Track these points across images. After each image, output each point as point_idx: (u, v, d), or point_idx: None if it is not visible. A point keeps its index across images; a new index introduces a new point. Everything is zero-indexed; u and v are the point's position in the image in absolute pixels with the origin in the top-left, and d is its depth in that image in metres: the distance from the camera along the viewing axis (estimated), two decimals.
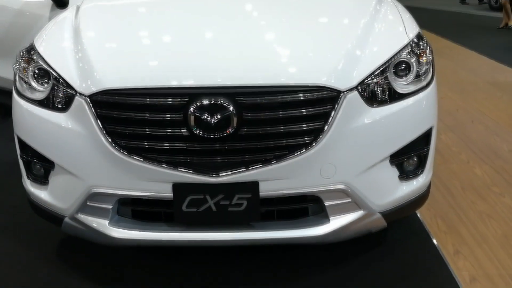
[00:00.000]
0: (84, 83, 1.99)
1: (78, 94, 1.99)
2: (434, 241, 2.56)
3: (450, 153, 3.72)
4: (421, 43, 2.21)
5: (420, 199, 2.27)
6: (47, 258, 2.51)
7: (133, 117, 1.92)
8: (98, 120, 1.95)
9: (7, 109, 3.83)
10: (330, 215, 2.04)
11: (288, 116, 1.90)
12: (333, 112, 1.92)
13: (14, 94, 2.24)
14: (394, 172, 2.12)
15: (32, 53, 2.23)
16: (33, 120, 2.14)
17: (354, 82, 1.96)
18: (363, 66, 2.02)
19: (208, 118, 1.86)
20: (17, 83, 2.24)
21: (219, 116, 1.86)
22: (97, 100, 1.95)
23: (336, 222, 2.05)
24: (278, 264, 2.40)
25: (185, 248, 2.46)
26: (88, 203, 2.07)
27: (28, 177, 2.27)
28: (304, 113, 1.91)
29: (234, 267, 2.37)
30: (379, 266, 2.38)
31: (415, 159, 2.19)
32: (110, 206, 2.05)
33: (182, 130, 1.90)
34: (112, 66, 2.03)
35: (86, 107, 1.96)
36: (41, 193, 2.22)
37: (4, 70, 3.63)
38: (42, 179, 2.21)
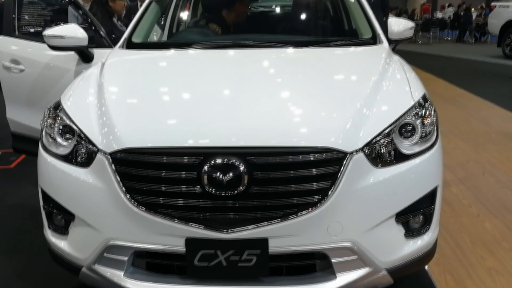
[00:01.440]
0: (105, 141, 2.13)
1: (99, 151, 2.12)
2: None
3: (461, 206, 3.76)
4: (426, 104, 2.32)
5: (426, 256, 2.32)
6: None
7: (150, 174, 2.04)
8: (117, 177, 2.07)
9: (34, 156, 4.03)
10: (337, 271, 2.10)
11: (296, 176, 2.00)
12: (339, 173, 2.02)
13: (40, 148, 2.38)
14: (400, 230, 2.19)
15: (58, 109, 2.39)
16: (56, 174, 2.27)
17: (360, 144, 2.06)
18: (370, 127, 2.12)
19: (221, 177, 1.97)
20: (44, 138, 2.39)
21: (231, 175, 1.97)
22: (117, 157, 2.07)
23: (342, 279, 2.11)
24: None
25: None
26: (105, 254, 2.17)
27: (49, 227, 2.38)
28: (312, 173, 2.00)
29: None
30: None
31: (421, 217, 2.25)
32: (126, 258, 2.15)
33: (195, 188, 2.01)
34: (132, 125, 2.16)
35: (107, 164, 2.09)
36: (60, 243, 2.33)
37: (31, 120, 3.81)
38: (62, 230, 2.32)
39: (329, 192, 2.01)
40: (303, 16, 3.85)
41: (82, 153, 2.21)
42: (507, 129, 6.01)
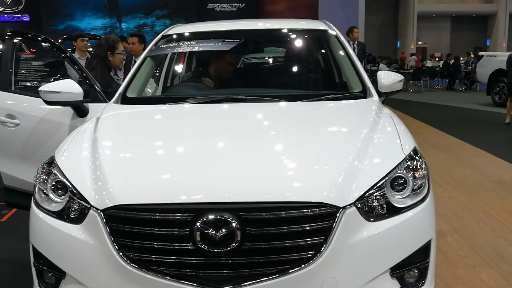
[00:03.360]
0: (98, 197, 2.13)
1: (92, 207, 2.12)
2: None
3: (456, 257, 3.73)
4: (416, 157, 2.34)
5: None
6: None
7: (143, 231, 2.03)
8: (109, 233, 2.06)
9: (26, 210, 4.00)
10: None
11: (289, 231, 2.00)
12: (332, 228, 2.01)
13: (33, 205, 2.38)
14: (395, 284, 2.17)
15: (52, 166, 2.39)
16: (48, 231, 2.25)
17: (353, 198, 2.07)
18: (362, 181, 2.14)
19: (213, 233, 1.96)
20: (36, 194, 2.38)
21: (223, 231, 1.96)
22: (110, 214, 2.07)
23: None
24: None
25: None
26: None
27: (39, 285, 2.34)
28: (305, 229, 2.01)
29: None
30: None
31: (416, 271, 2.24)
32: None
33: (188, 245, 2.00)
34: (125, 181, 2.17)
35: (99, 221, 2.08)
36: None
37: (24, 174, 3.80)
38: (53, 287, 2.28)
39: (323, 247, 2.00)
40: (294, 70, 3.93)
41: (75, 209, 2.20)
42: (500, 177, 6.04)
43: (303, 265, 2.00)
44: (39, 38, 3.95)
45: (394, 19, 34.51)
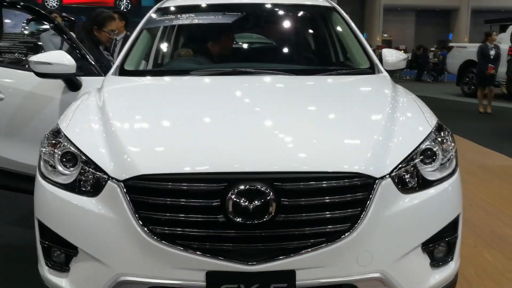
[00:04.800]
0: (117, 168, 1.97)
1: (110, 179, 1.96)
2: None
3: None
4: (442, 131, 2.28)
5: (450, 286, 2.24)
6: None
7: (168, 203, 1.89)
8: (131, 206, 1.91)
9: (10, 191, 3.75)
10: None
11: (325, 203, 1.90)
12: (369, 199, 1.93)
13: (38, 177, 2.19)
14: (426, 259, 2.10)
15: (58, 136, 2.21)
16: (58, 204, 2.08)
17: (387, 169, 1.99)
18: (394, 153, 2.06)
19: (247, 204, 1.84)
20: (42, 167, 2.20)
21: (258, 202, 1.84)
22: (131, 185, 1.92)
23: None
24: None
25: None
26: None
27: (46, 264, 2.16)
28: (341, 200, 1.91)
29: None
30: None
31: (445, 246, 2.18)
32: None
33: (218, 216, 1.87)
34: (147, 151, 2.02)
35: (119, 192, 1.93)
36: (60, 281, 2.12)
37: (8, 152, 3.56)
38: (62, 266, 2.11)
39: (359, 220, 1.91)
40: (298, 46, 3.82)
41: (89, 181, 2.04)
42: (482, 163, 6.12)
43: (339, 238, 1.90)
44: (23, 7, 3.70)
45: (361, 12, 34.79)
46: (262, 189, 1.85)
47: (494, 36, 11.59)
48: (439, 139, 2.22)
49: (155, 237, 1.89)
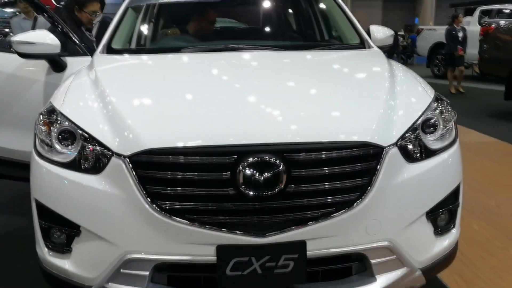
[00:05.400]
0: (121, 144, 1.91)
1: (114, 154, 1.91)
2: None
3: None
4: (442, 101, 2.30)
5: (451, 255, 2.27)
6: None
7: (177, 177, 1.85)
8: (137, 181, 1.86)
9: None
10: (376, 273, 2.00)
11: (335, 173, 1.90)
12: (377, 169, 1.93)
13: (35, 156, 2.12)
14: (430, 227, 2.13)
15: (54, 114, 2.14)
16: (58, 183, 2.02)
17: (394, 138, 2.00)
18: (398, 124, 2.06)
19: (257, 176, 1.82)
20: (38, 146, 2.13)
21: (268, 174, 1.82)
22: (138, 160, 1.87)
23: (382, 280, 2.00)
24: None
25: None
26: (121, 270, 1.93)
27: (46, 246, 2.10)
28: (350, 170, 1.91)
29: None
30: None
31: (447, 214, 2.21)
32: (147, 273, 1.92)
33: (228, 189, 1.85)
34: (152, 125, 1.97)
35: (124, 168, 1.88)
36: (62, 263, 2.06)
37: None
38: (64, 247, 2.05)
39: (368, 189, 1.92)
40: (288, 24, 3.80)
41: (90, 158, 1.98)
42: (462, 141, 6.21)
43: (348, 208, 1.90)
44: None
45: None
46: (273, 160, 1.83)
47: (461, 18, 11.80)
48: (439, 109, 2.24)
49: (164, 213, 1.85)
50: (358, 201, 1.91)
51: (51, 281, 2.16)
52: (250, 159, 1.82)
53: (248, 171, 1.82)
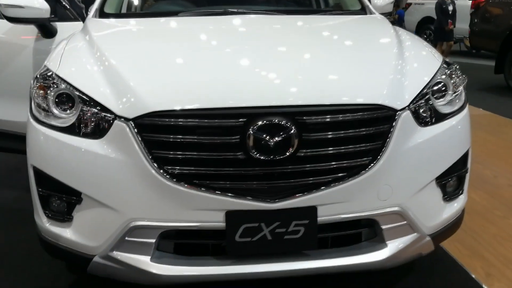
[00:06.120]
0: (125, 107, 1.83)
1: (117, 118, 1.82)
2: (463, 266, 2.55)
3: None
4: (451, 65, 2.25)
5: (458, 221, 2.25)
6: None
7: (184, 141, 1.78)
8: (143, 145, 1.78)
9: None
10: (387, 239, 1.97)
11: (347, 136, 1.84)
12: (390, 132, 1.88)
13: (31, 121, 2.02)
14: (439, 193, 2.09)
15: (50, 78, 2.03)
16: (57, 149, 1.93)
17: (407, 102, 1.94)
18: (410, 88, 2.01)
19: (268, 140, 1.75)
20: (34, 111, 2.03)
21: (279, 138, 1.76)
22: (142, 123, 1.79)
23: (393, 246, 1.97)
24: None
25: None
26: (126, 238, 1.86)
27: (46, 214, 2.02)
28: (362, 134, 1.85)
29: None
30: None
31: (456, 180, 2.18)
32: (153, 240, 1.86)
33: (238, 154, 1.78)
34: (158, 86, 1.88)
35: (128, 132, 1.80)
36: (62, 232, 1.98)
37: None
38: (64, 216, 1.97)
39: (381, 153, 1.86)
40: None
41: (91, 122, 1.89)
42: None
43: (360, 173, 1.85)
44: None
45: None
46: (284, 123, 1.76)
47: None
48: (448, 73, 2.18)
49: (171, 178, 1.78)
50: (370, 166, 1.86)
51: (51, 251, 2.09)
52: (261, 122, 1.76)
53: (258, 135, 1.75)
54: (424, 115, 2.01)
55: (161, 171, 1.78)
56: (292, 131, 1.76)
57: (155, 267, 1.86)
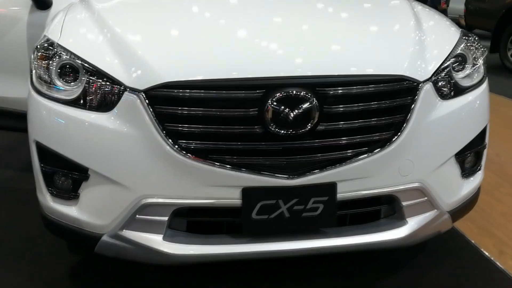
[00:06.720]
0: (135, 78, 1.73)
1: (127, 89, 1.72)
2: (475, 244, 2.51)
3: None
4: (470, 37, 2.17)
5: (475, 198, 2.20)
6: None
7: (199, 114, 1.69)
8: (155, 119, 1.68)
9: None
10: (407, 216, 1.90)
11: (369, 109, 1.76)
12: (412, 105, 1.80)
13: (33, 94, 1.91)
14: (458, 169, 2.03)
15: (52, 48, 1.92)
16: (62, 123, 1.82)
17: (429, 74, 1.87)
18: (431, 59, 1.93)
19: (287, 112, 1.67)
20: (35, 83, 1.91)
21: (300, 110, 1.67)
22: (154, 95, 1.69)
23: (413, 224, 1.91)
24: (330, 275, 2.22)
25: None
26: (137, 216, 1.78)
27: (50, 192, 1.92)
28: (384, 106, 1.78)
29: None
30: (431, 274, 2.26)
31: (474, 156, 2.12)
32: (165, 219, 1.78)
33: (255, 127, 1.69)
34: (170, 56, 1.78)
35: (139, 104, 1.70)
36: (68, 210, 1.89)
37: None
38: (70, 193, 1.87)
39: (403, 126, 1.79)
40: None
41: (98, 95, 1.78)
42: None
43: (382, 147, 1.78)
44: None
45: None
46: (304, 95, 1.68)
47: None
48: (468, 45, 2.11)
49: (184, 153, 1.69)
50: (393, 140, 1.78)
51: (54, 230, 2.00)
52: (280, 94, 1.66)
53: (277, 107, 1.66)
54: (445, 88, 1.93)
55: (175, 145, 1.69)
56: (313, 103, 1.68)
57: (168, 246, 1.78)
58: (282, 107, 1.67)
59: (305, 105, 1.67)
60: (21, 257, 2.37)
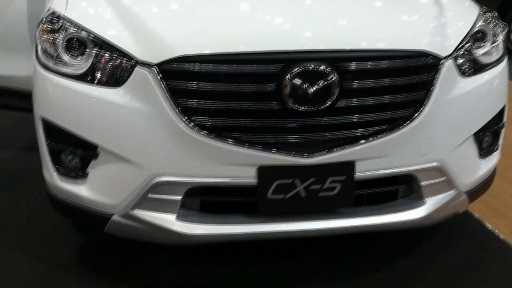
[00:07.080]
0: (147, 51, 1.66)
1: (139, 63, 1.65)
2: (488, 225, 2.47)
3: None
4: (490, 12, 2.11)
5: (491, 178, 2.16)
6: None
7: (214, 89, 1.62)
8: (168, 94, 1.62)
9: None
10: (425, 196, 1.86)
11: (390, 86, 1.70)
12: (433, 81, 1.75)
13: (39, 68, 1.83)
14: (475, 149, 1.98)
15: (58, 20, 1.83)
16: (70, 98, 1.75)
17: (451, 49, 1.81)
18: (452, 35, 1.88)
19: (307, 88, 1.60)
20: (41, 57, 1.83)
21: (319, 86, 1.61)
22: (168, 69, 1.62)
23: (431, 204, 1.87)
24: (343, 256, 2.19)
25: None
26: (149, 195, 1.72)
27: (57, 170, 1.85)
28: (405, 82, 1.72)
29: None
30: (444, 257, 2.23)
31: (492, 135, 2.07)
32: (179, 198, 1.72)
33: (273, 103, 1.63)
34: (183, 29, 1.71)
35: (151, 79, 1.63)
36: (76, 189, 1.83)
37: None
38: (78, 171, 1.81)
39: (424, 103, 1.73)
40: None
41: (108, 69, 1.71)
42: None
43: (402, 125, 1.72)
44: None
45: None
46: (324, 69, 1.61)
47: None
48: (488, 21, 2.04)
49: (199, 130, 1.63)
50: (413, 117, 1.73)
51: (62, 210, 1.95)
52: (299, 68, 1.60)
53: (296, 82, 1.60)
54: (465, 65, 1.88)
55: (189, 122, 1.63)
56: (333, 79, 1.61)
57: (181, 226, 1.73)
58: (301, 82, 1.60)
59: (325, 81, 1.61)
60: (25, 237, 2.32)
